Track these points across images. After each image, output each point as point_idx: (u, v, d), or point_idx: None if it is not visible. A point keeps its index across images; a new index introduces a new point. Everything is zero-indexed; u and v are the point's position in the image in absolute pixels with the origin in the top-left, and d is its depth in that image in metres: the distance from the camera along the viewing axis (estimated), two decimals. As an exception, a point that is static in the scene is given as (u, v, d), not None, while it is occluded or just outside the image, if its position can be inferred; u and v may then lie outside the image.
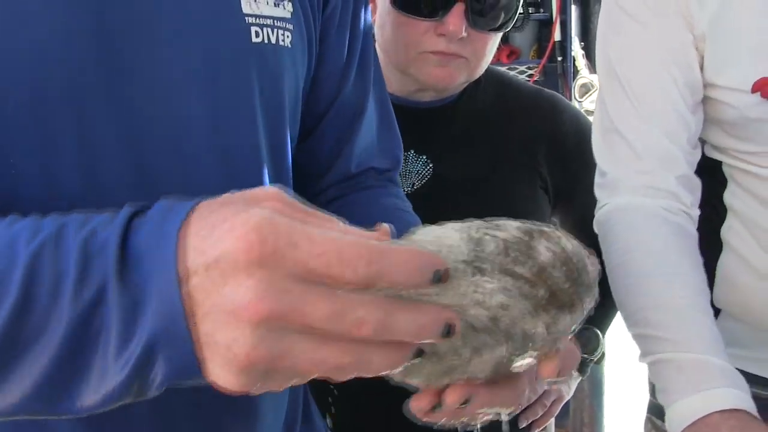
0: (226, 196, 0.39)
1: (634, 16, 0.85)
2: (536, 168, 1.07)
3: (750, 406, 0.70)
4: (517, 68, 2.36)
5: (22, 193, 0.52)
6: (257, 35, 0.62)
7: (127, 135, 0.55)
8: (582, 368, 1.14)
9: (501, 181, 1.06)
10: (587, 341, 1.11)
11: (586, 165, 1.02)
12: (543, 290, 0.42)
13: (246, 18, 0.62)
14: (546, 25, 2.36)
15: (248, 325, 0.34)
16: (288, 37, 0.65)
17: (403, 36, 0.95)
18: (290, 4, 0.66)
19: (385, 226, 0.43)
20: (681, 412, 0.72)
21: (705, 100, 0.86)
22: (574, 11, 2.28)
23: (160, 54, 0.56)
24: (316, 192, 0.79)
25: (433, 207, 1.03)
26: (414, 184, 1.04)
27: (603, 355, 1.13)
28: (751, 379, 0.92)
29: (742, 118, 0.83)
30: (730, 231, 0.92)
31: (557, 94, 1.14)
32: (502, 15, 0.96)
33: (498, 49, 2.40)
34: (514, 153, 1.07)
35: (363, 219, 0.62)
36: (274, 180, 0.68)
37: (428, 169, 1.05)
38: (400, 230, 0.61)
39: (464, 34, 0.92)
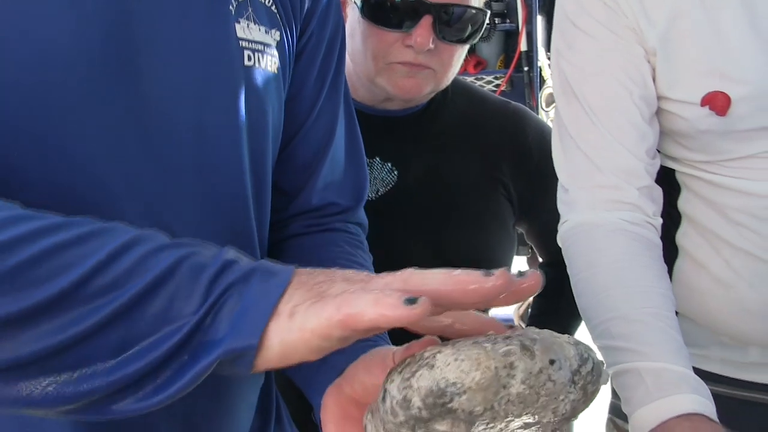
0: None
1: (586, 32, 0.87)
2: (499, 178, 1.09)
3: (709, 410, 0.71)
4: (484, 78, 2.39)
5: (15, 189, 0.53)
6: (249, 59, 0.65)
7: (117, 144, 0.57)
8: None
9: (464, 190, 1.08)
10: None
11: (551, 178, 1.05)
12: (583, 406, 0.46)
13: (240, 42, 0.64)
14: (512, 35, 2.39)
15: None
16: (275, 63, 0.68)
17: (372, 46, 0.96)
18: (277, 32, 0.69)
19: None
20: (640, 420, 0.72)
21: (658, 111, 0.88)
22: (540, 22, 2.32)
23: (158, 69, 0.58)
24: (278, 224, 0.80)
25: (397, 213, 1.06)
26: (379, 190, 1.06)
27: None
28: (709, 377, 0.94)
29: (692, 130, 0.85)
30: (684, 237, 0.94)
31: (524, 107, 1.16)
32: (470, 27, 0.98)
33: (465, 59, 2.43)
34: (477, 163, 1.09)
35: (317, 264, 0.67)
36: (255, 199, 0.69)
37: (393, 176, 1.06)
38: None
39: (431, 45, 0.94)
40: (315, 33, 0.75)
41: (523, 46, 2.34)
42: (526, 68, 2.34)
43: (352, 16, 0.99)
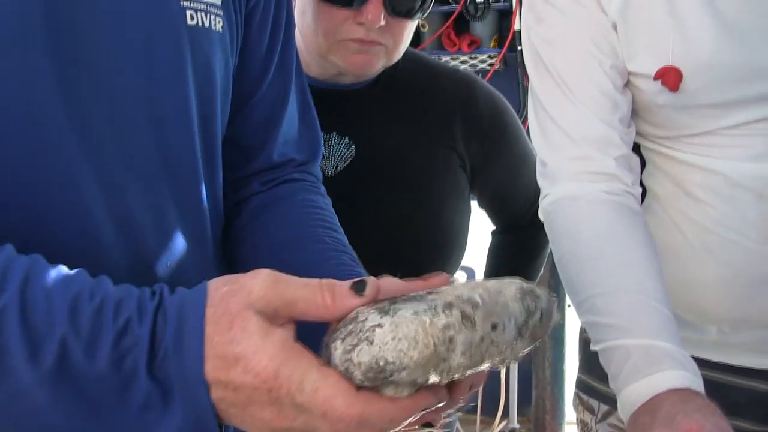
0: (224, 289, 0.48)
1: (553, 4, 0.86)
2: (452, 145, 1.09)
3: (697, 384, 0.70)
4: (478, 57, 2.36)
5: None
6: (192, 18, 0.66)
7: (70, 107, 0.58)
8: None
9: (419, 159, 1.08)
10: None
11: (501, 143, 1.04)
12: (532, 346, 0.49)
13: (181, 2, 0.65)
14: (506, 15, 2.36)
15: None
16: (219, 22, 0.69)
17: (323, 23, 0.96)
18: None
19: (444, 276, 0.49)
20: (629, 397, 0.72)
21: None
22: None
23: (102, 31, 0.59)
24: (240, 182, 0.81)
25: (357, 187, 1.06)
26: (338, 165, 1.06)
27: None
28: None
29: (651, 104, 0.85)
30: (647, 211, 0.94)
31: (473, 74, 1.16)
32: (419, 2, 0.96)
33: (459, 38, 2.40)
34: (430, 131, 1.09)
35: (281, 216, 0.73)
36: (204, 154, 0.71)
37: (351, 151, 1.06)
38: (316, 228, 0.73)
39: (383, 22, 0.93)
40: None
41: (516, 25, 2.31)
42: (519, 48, 2.30)
43: None
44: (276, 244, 0.74)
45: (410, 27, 0.99)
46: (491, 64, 2.35)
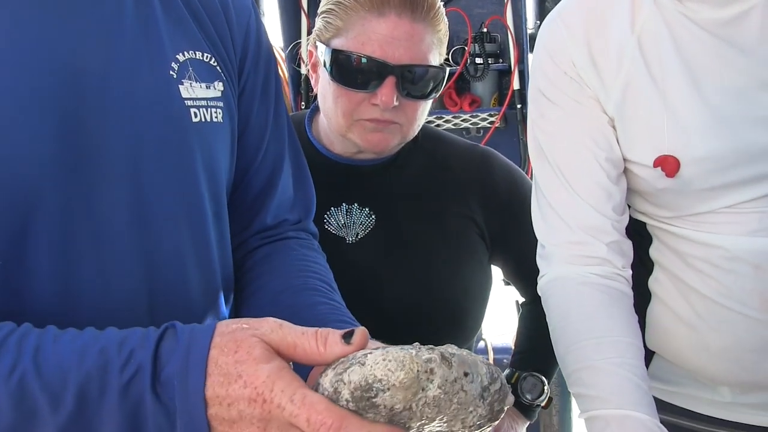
0: (233, 326, 0.54)
1: (555, 102, 0.92)
2: (471, 216, 1.13)
3: None
4: (479, 115, 2.41)
5: None
6: (196, 116, 0.71)
7: (90, 209, 0.63)
8: (529, 413, 1.18)
9: (438, 229, 1.12)
10: (533, 387, 1.15)
11: (521, 214, 1.07)
12: (488, 423, 0.53)
13: (185, 101, 0.70)
14: (505, 74, 2.42)
15: None
16: (219, 113, 0.74)
17: (341, 105, 1.00)
18: (220, 83, 0.74)
19: (363, 330, 0.54)
20: None
21: (625, 171, 0.93)
22: (531, 61, 2.35)
23: (114, 139, 0.64)
24: (238, 243, 0.86)
25: (376, 254, 1.09)
26: (358, 234, 1.10)
27: (550, 399, 1.17)
28: (681, 411, 1.02)
29: (652, 188, 0.90)
30: (655, 282, 0.98)
31: (491, 149, 1.20)
32: (431, 83, 1.01)
33: (460, 98, 2.45)
34: (449, 202, 1.13)
35: (278, 268, 0.80)
36: (217, 233, 0.77)
37: (371, 220, 1.10)
38: (309, 278, 0.79)
39: (396, 103, 0.98)
40: (251, 72, 0.81)
41: (515, 84, 2.37)
42: (519, 105, 2.35)
43: (323, 77, 1.03)
44: (274, 292, 0.79)
45: (424, 106, 1.03)
46: (492, 122, 2.40)
